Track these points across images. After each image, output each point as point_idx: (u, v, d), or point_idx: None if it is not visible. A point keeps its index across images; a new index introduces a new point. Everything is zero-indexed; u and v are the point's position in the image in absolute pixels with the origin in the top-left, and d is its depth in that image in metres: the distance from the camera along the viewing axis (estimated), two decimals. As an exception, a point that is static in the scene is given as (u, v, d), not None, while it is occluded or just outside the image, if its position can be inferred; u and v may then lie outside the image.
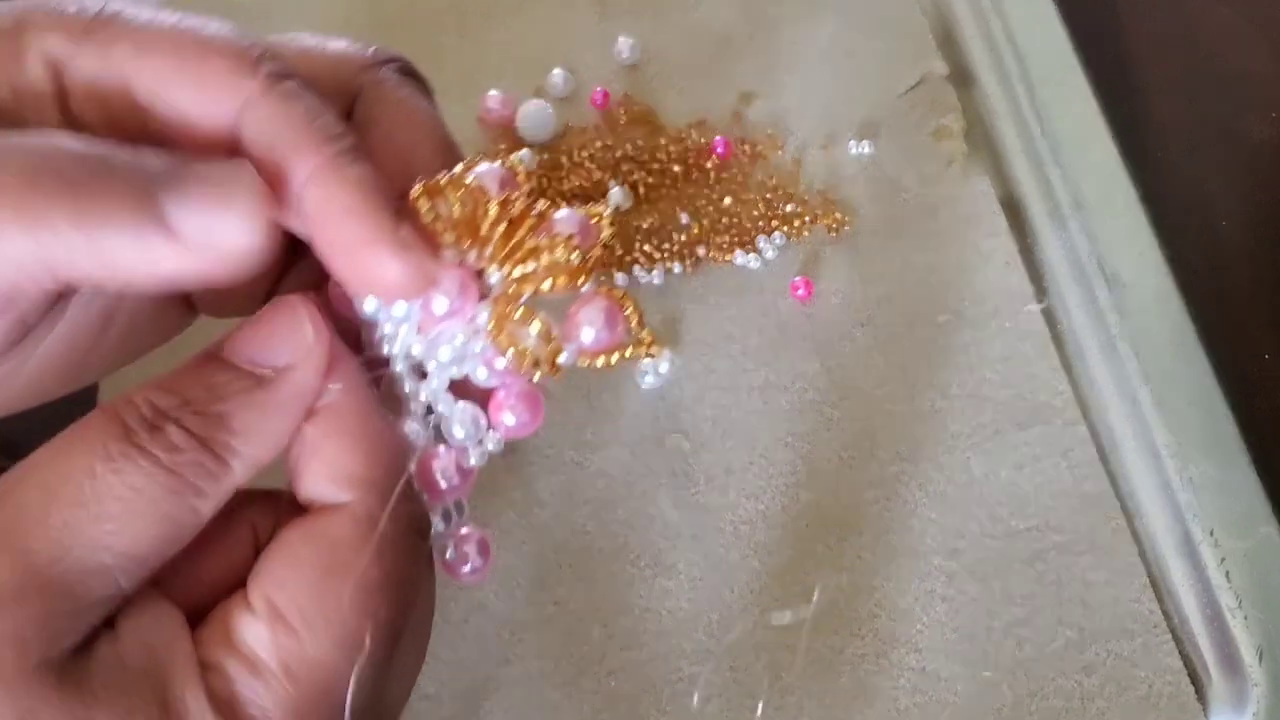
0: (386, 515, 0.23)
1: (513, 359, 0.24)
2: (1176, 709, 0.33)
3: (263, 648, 0.22)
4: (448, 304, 0.24)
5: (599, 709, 0.33)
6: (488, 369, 0.25)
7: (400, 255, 0.23)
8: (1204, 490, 0.36)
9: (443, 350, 0.24)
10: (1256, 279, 0.42)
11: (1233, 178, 0.45)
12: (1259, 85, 0.47)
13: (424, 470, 0.25)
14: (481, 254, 0.24)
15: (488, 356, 0.25)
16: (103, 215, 0.21)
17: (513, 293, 0.24)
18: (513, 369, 0.24)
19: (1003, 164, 0.44)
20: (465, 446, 0.25)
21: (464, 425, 0.25)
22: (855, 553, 0.35)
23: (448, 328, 0.24)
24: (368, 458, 0.23)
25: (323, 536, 0.23)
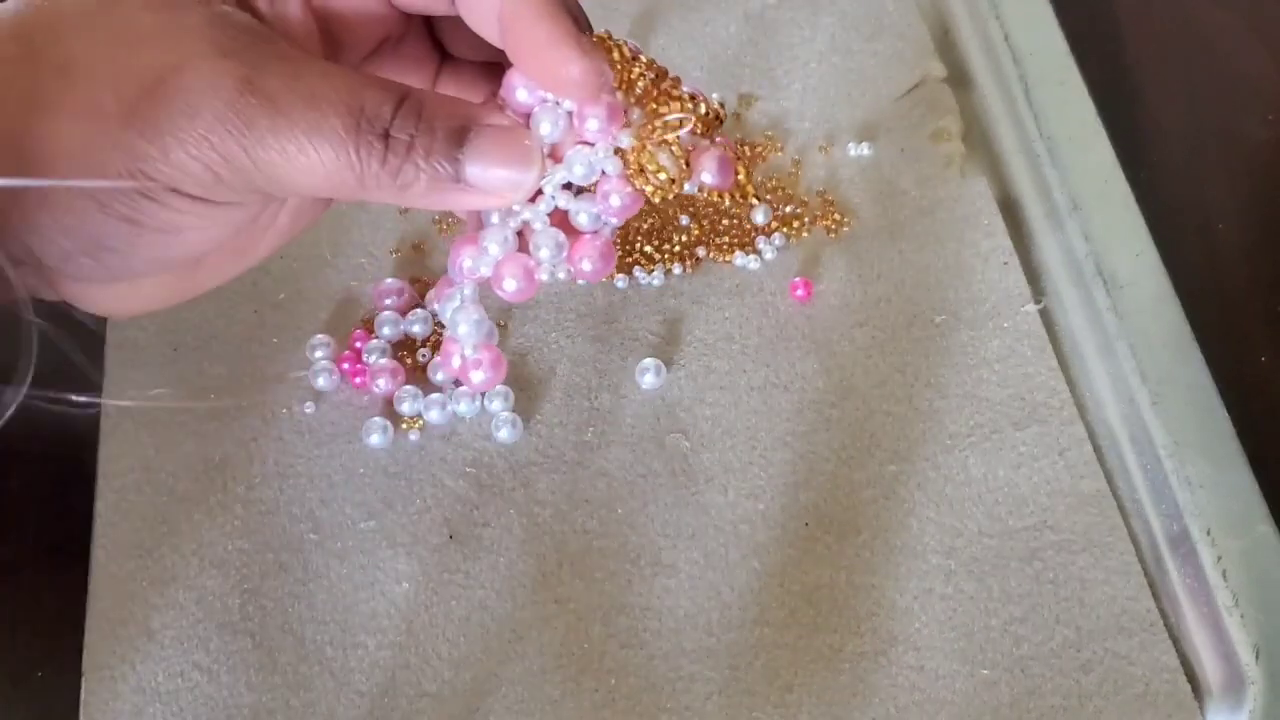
0: None
1: (641, 182, 0.29)
2: (1173, 707, 0.33)
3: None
4: (598, 125, 0.28)
5: (599, 707, 0.33)
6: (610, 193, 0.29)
7: (584, 55, 0.27)
8: (1201, 489, 0.37)
9: (577, 166, 0.28)
10: (1253, 280, 0.42)
11: (1229, 179, 0.45)
12: (1256, 87, 0.47)
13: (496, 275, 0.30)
14: (628, 96, 0.29)
15: (612, 183, 0.29)
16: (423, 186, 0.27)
17: (650, 129, 0.28)
18: (637, 190, 0.29)
19: (1000, 165, 0.44)
20: (541, 262, 0.29)
21: (549, 248, 0.29)
22: (854, 551, 0.35)
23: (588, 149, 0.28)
24: None
25: None
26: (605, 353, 0.39)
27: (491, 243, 0.29)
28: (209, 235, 0.28)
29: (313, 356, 0.39)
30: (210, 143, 0.25)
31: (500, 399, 0.38)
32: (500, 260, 0.29)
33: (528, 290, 0.30)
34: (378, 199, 0.27)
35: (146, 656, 0.34)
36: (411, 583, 0.35)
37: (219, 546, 0.35)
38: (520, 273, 0.29)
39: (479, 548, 0.36)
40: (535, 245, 0.29)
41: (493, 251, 0.29)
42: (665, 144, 0.29)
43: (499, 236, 0.29)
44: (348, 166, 0.26)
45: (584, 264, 0.30)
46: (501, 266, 0.29)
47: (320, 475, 0.37)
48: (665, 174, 0.29)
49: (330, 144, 0.26)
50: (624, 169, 0.29)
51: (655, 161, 0.28)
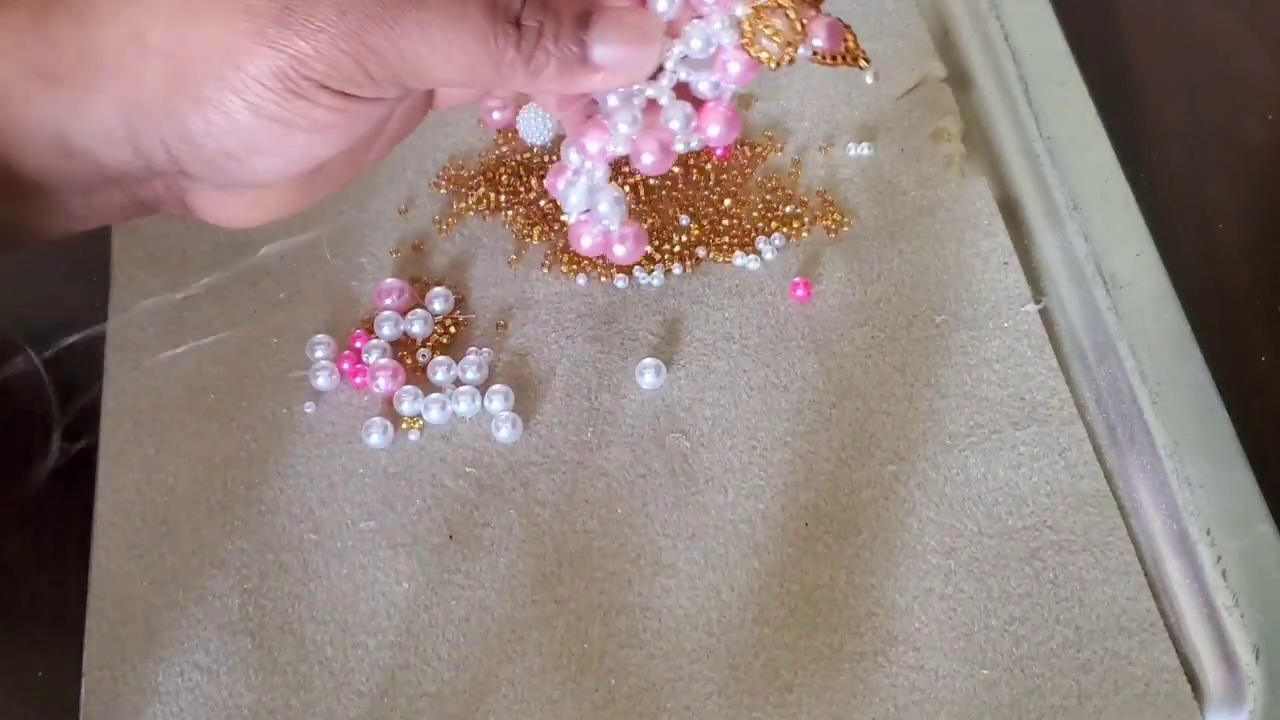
0: None
1: (756, 49, 0.29)
2: (1173, 707, 0.33)
3: None
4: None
5: (599, 707, 0.33)
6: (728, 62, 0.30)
7: None
8: (1201, 489, 0.37)
9: (695, 40, 0.29)
10: (1253, 279, 0.42)
11: (1229, 179, 0.45)
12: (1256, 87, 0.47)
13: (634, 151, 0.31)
14: None
15: (730, 52, 0.30)
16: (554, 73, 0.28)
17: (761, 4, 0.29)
18: (753, 57, 0.30)
19: (1000, 165, 0.44)
20: (674, 134, 0.31)
21: (679, 119, 0.30)
22: (853, 551, 0.35)
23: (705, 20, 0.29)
24: None
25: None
26: (605, 353, 0.39)
27: (622, 122, 0.30)
28: (352, 134, 0.29)
29: (313, 356, 0.39)
30: (360, 37, 0.26)
31: (500, 399, 0.38)
32: (635, 138, 0.31)
33: (663, 163, 0.31)
34: (511, 86, 0.29)
35: (146, 656, 0.34)
36: (411, 583, 0.35)
37: (219, 546, 0.35)
38: (656, 146, 0.31)
39: (479, 548, 0.36)
40: (666, 118, 0.30)
41: (624, 130, 0.30)
42: (780, 7, 0.29)
43: (628, 116, 0.30)
44: (486, 54, 0.27)
45: (711, 130, 0.31)
46: (639, 142, 0.31)
47: (320, 475, 0.37)
48: (780, 37, 0.29)
49: (471, 32, 0.27)
50: (739, 39, 0.30)
51: (772, 26, 0.29)
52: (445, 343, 0.39)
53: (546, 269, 0.41)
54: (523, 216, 0.42)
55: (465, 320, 0.40)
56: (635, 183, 0.42)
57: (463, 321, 0.40)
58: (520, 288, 0.41)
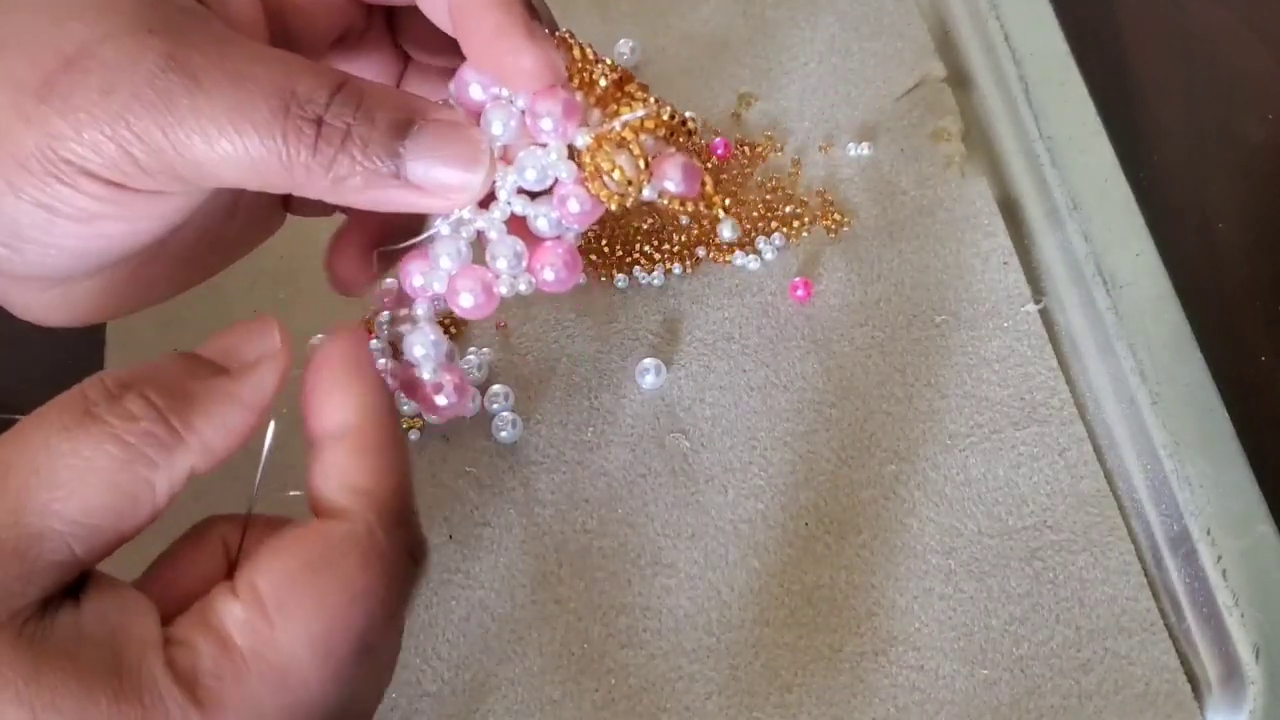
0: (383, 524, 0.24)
1: (597, 186, 0.27)
2: (1173, 707, 0.33)
3: (236, 627, 0.22)
4: (552, 124, 0.26)
5: (599, 707, 0.33)
6: (568, 198, 0.27)
7: (534, 45, 0.26)
8: (1200, 489, 0.37)
9: (529, 169, 0.26)
10: (1253, 279, 0.42)
11: (1229, 179, 0.45)
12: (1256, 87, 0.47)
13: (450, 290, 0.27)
14: (588, 97, 0.27)
15: (569, 188, 0.27)
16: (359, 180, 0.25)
17: (608, 133, 0.27)
18: (592, 194, 0.27)
19: (1000, 165, 0.44)
20: (499, 274, 0.27)
21: (506, 257, 0.27)
22: (854, 551, 0.35)
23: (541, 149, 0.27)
24: (374, 474, 0.25)
25: (317, 535, 0.24)
26: (605, 352, 0.39)
27: (444, 255, 0.27)
28: (132, 228, 0.25)
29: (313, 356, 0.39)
30: (126, 121, 0.23)
31: (500, 399, 0.38)
32: (454, 274, 0.27)
33: (486, 306, 0.27)
34: (310, 193, 0.25)
35: (146, 656, 0.34)
36: (411, 583, 0.35)
37: (219, 546, 0.35)
38: (477, 287, 0.27)
39: (479, 548, 0.36)
40: (492, 255, 0.27)
41: (445, 265, 0.27)
42: (624, 143, 0.27)
43: (451, 248, 0.27)
44: (275, 153, 0.24)
45: (546, 273, 0.28)
46: (456, 280, 0.27)
47: (320, 475, 0.37)
48: (621, 175, 0.26)
49: (255, 127, 0.24)
50: (580, 172, 0.27)
51: (612, 162, 0.26)
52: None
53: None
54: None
55: (465, 320, 0.40)
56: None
57: (463, 321, 0.40)
58: (520, 288, 0.41)
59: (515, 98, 0.27)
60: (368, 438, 0.25)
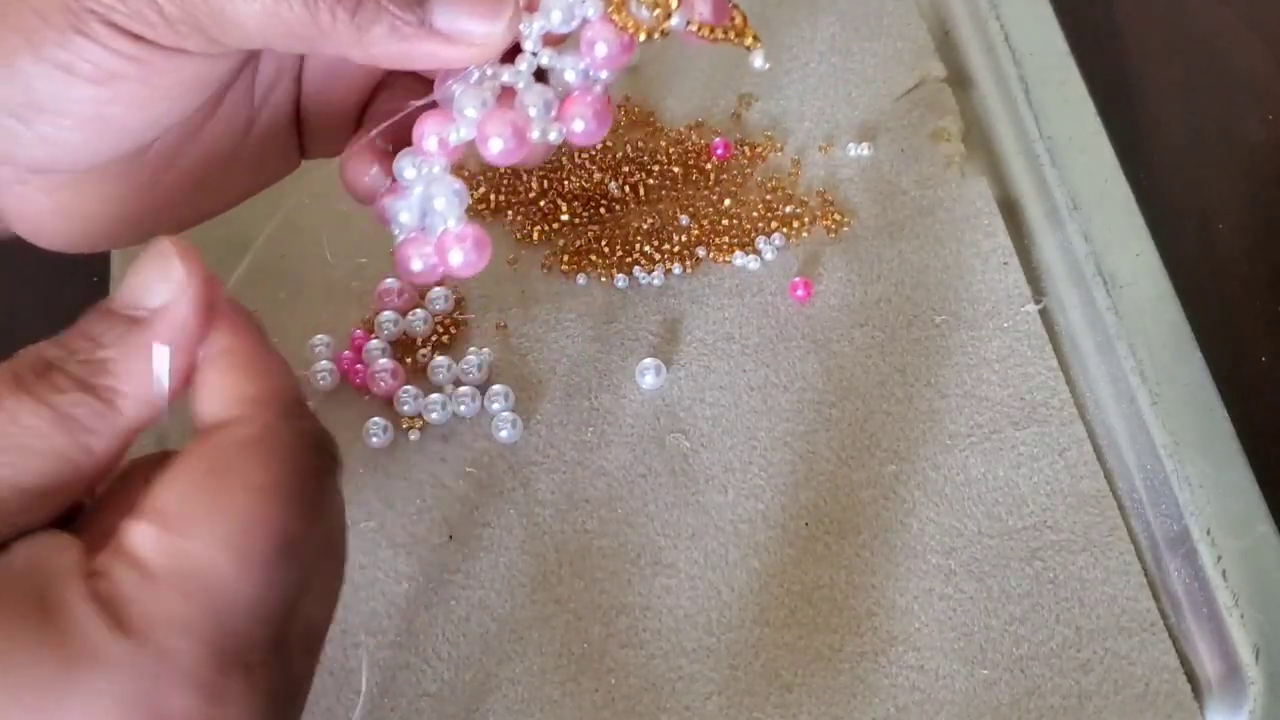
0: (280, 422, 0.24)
1: (630, 21, 0.26)
2: (1173, 707, 0.33)
3: (148, 548, 0.22)
4: None
5: (599, 707, 0.33)
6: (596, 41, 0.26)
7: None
8: (1200, 489, 0.37)
9: (555, 11, 0.26)
10: (1253, 279, 0.42)
11: (1229, 179, 0.45)
12: (1256, 87, 0.47)
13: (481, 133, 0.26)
14: None
15: (596, 29, 0.26)
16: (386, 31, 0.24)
17: None
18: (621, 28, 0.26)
19: (1000, 165, 0.44)
20: (530, 116, 0.26)
21: (537, 105, 0.26)
22: (854, 551, 0.35)
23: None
24: (256, 380, 0.25)
25: (212, 443, 0.24)
26: (605, 353, 0.39)
27: (469, 106, 0.26)
28: (149, 95, 0.25)
29: (313, 356, 0.39)
30: None
31: (500, 399, 0.38)
32: (482, 119, 0.26)
33: (516, 151, 0.26)
34: (334, 48, 0.25)
35: (146, 656, 0.34)
36: (411, 583, 0.35)
37: (219, 546, 0.35)
38: (508, 130, 0.26)
39: (479, 548, 0.36)
40: (521, 104, 0.26)
41: (470, 114, 0.26)
42: None
43: (476, 100, 0.26)
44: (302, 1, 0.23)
45: (576, 123, 0.27)
46: (485, 125, 0.26)
47: (320, 475, 0.37)
48: (651, 2, 0.26)
49: None
50: (606, 8, 0.26)
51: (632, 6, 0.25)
52: (445, 343, 0.39)
53: (546, 269, 0.41)
54: (523, 216, 0.42)
55: (465, 320, 0.40)
56: (635, 182, 0.42)
57: (463, 321, 0.40)
58: (520, 288, 0.41)
59: None
60: (241, 352, 0.25)
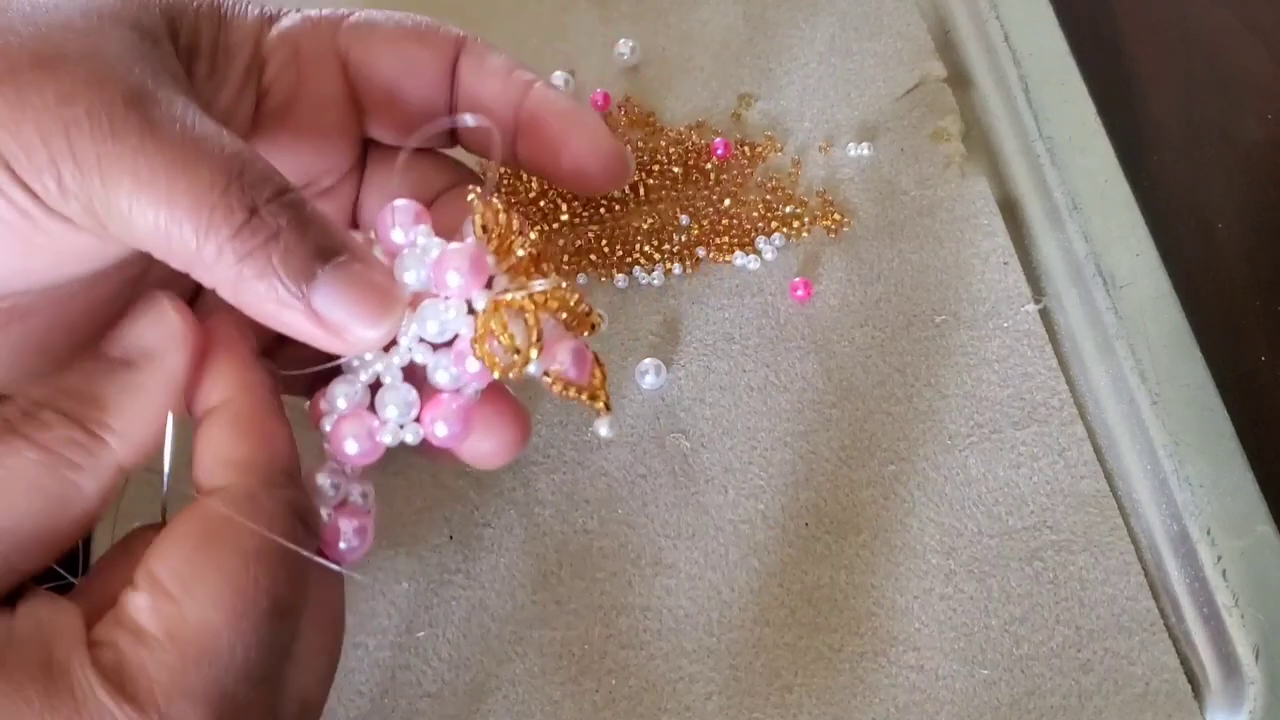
0: None
1: (486, 356, 0.26)
2: (1173, 707, 0.33)
3: (144, 616, 0.23)
4: (459, 281, 0.26)
5: (599, 707, 0.33)
6: (461, 357, 0.26)
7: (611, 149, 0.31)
8: (1200, 489, 0.37)
9: (430, 322, 0.26)
10: (1253, 279, 0.42)
11: (1229, 179, 0.45)
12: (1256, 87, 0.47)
13: (335, 434, 0.27)
14: (501, 262, 0.27)
15: (463, 347, 0.26)
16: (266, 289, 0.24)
17: (509, 299, 0.26)
18: (483, 367, 0.26)
19: (1000, 165, 0.44)
20: (386, 420, 0.27)
21: (398, 405, 0.27)
22: (854, 551, 0.35)
23: (444, 303, 0.26)
24: (248, 444, 0.25)
25: (200, 512, 0.24)
26: (605, 353, 0.39)
27: (340, 396, 0.27)
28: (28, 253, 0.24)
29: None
30: (69, 135, 0.23)
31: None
32: (340, 417, 0.27)
33: (370, 453, 0.27)
34: (208, 278, 0.24)
35: (146, 656, 0.34)
36: (411, 583, 0.35)
37: (219, 546, 0.35)
38: (361, 432, 0.26)
39: (479, 548, 0.36)
40: (380, 402, 0.27)
41: (340, 405, 0.27)
42: (521, 313, 0.26)
43: (349, 390, 0.27)
44: (195, 220, 0.23)
45: (437, 427, 0.27)
46: (340, 425, 0.27)
47: (320, 475, 0.37)
48: (510, 342, 0.26)
49: (191, 187, 0.23)
50: (472, 334, 0.26)
51: (504, 327, 0.26)
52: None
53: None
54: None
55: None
56: (635, 182, 0.42)
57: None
58: (520, 288, 0.41)
59: (430, 248, 0.26)
60: (238, 411, 0.25)
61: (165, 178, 0.23)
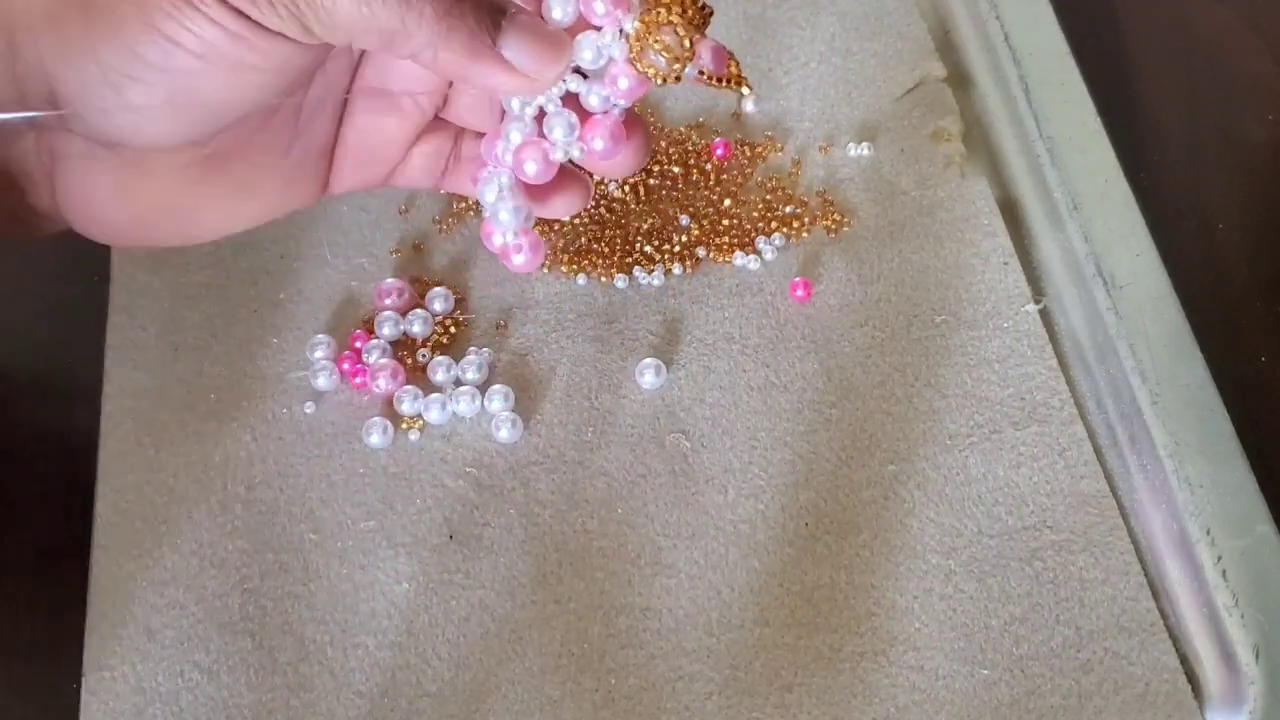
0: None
1: (644, 65, 0.30)
2: (1173, 707, 0.33)
3: None
4: (604, 9, 0.29)
5: (599, 707, 0.33)
6: (618, 77, 0.30)
7: None
8: (1200, 489, 0.37)
9: (586, 51, 0.30)
10: (1253, 279, 0.42)
11: (1229, 179, 0.45)
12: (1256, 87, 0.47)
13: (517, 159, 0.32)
14: None
15: (620, 66, 0.30)
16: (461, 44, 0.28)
17: (650, 19, 0.30)
18: (633, 83, 0.30)
19: (1000, 165, 0.44)
20: (555, 143, 0.31)
21: (561, 128, 0.31)
22: (854, 551, 0.35)
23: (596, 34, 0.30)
24: None
25: None
26: (605, 353, 0.39)
27: (514, 130, 0.31)
28: (239, 78, 0.28)
29: (313, 356, 0.39)
30: None
31: (500, 399, 0.38)
32: (518, 146, 0.31)
33: (546, 172, 0.32)
34: (411, 48, 0.28)
35: (146, 656, 0.34)
36: (411, 583, 0.35)
37: (219, 546, 0.35)
38: (538, 155, 0.31)
39: (479, 548, 0.36)
40: (549, 126, 0.31)
41: (514, 139, 0.31)
42: (670, 24, 0.30)
43: (519, 124, 0.31)
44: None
45: (595, 142, 0.31)
46: (520, 152, 0.31)
47: (320, 475, 0.37)
48: (669, 55, 0.30)
49: None
50: (628, 53, 0.30)
51: (662, 42, 0.30)
52: (445, 343, 0.39)
53: (546, 269, 0.41)
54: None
55: (465, 320, 0.40)
56: (635, 182, 0.42)
57: (463, 321, 0.40)
58: (520, 288, 0.41)
59: None
60: None
61: None
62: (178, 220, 0.32)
